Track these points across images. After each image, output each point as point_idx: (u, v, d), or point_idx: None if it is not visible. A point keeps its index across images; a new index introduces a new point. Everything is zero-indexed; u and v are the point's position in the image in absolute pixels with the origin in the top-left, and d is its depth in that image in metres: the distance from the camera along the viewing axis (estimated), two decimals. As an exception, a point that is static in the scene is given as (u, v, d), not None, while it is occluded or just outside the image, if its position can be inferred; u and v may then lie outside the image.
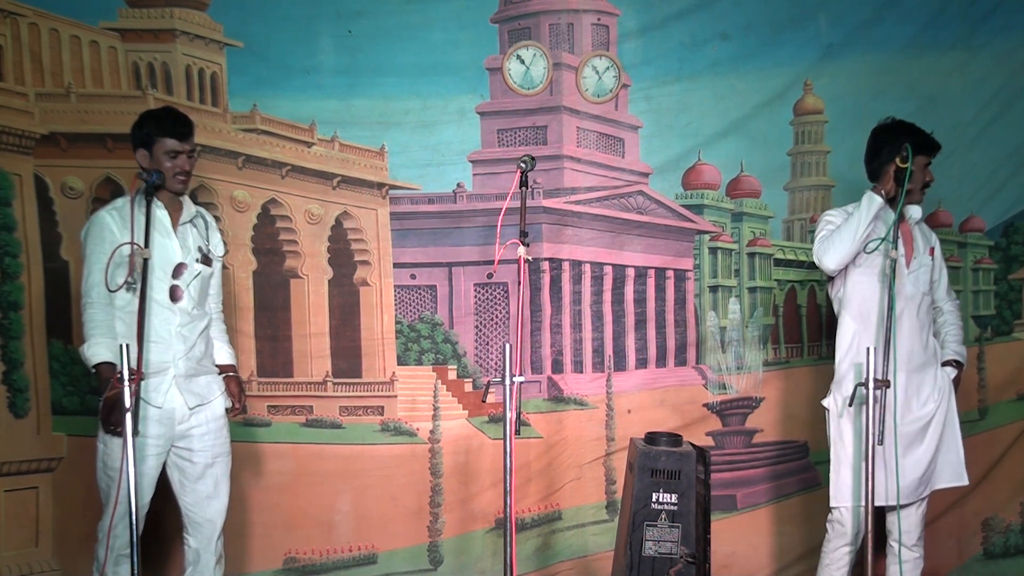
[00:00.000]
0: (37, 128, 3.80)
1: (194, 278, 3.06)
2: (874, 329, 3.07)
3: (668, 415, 4.16)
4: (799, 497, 4.17)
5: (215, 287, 3.23)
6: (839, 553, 3.14)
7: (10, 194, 3.76)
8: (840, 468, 3.12)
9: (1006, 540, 4.14)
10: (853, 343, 3.11)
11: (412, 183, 4.11)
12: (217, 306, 3.27)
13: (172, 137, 2.99)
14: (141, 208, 2.88)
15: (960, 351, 3.26)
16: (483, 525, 4.11)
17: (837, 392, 3.14)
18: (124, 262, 2.88)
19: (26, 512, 3.78)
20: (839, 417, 3.11)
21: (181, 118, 3.04)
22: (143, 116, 3.05)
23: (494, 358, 4.17)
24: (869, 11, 4.08)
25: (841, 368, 3.15)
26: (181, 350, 3.01)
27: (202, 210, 3.22)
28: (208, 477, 3.10)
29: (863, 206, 3.02)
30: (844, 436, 3.11)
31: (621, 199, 4.21)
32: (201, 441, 3.08)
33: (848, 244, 2.99)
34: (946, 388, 3.16)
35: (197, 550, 3.12)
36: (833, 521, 3.16)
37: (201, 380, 3.10)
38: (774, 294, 4.29)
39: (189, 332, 3.05)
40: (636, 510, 3.16)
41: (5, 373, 3.75)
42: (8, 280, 3.74)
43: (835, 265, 3.02)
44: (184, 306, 3.03)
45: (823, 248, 3.02)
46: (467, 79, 4.09)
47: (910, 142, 3.00)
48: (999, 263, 4.28)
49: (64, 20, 3.84)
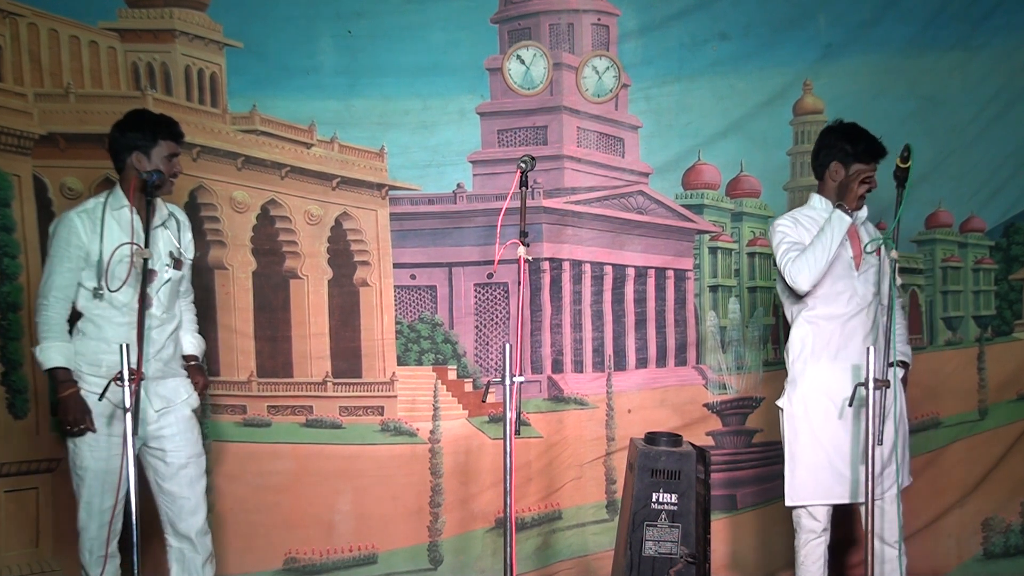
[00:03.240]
0: (36, 128, 3.80)
1: (164, 284, 3.05)
2: (829, 328, 3.09)
3: (668, 415, 4.16)
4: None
5: (186, 284, 3.22)
6: (810, 547, 3.15)
7: (9, 195, 3.76)
8: (796, 468, 3.14)
9: (1006, 540, 4.14)
10: (807, 343, 3.13)
11: (412, 184, 4.11)
12: (188, 298, 3.28)
13: (172, 140, 3.02)
14: (112, 210, 2.94)
15: (906, 351, 3.28)
16: (483, 525, 4.11)
17: (792, 392, 3.16)
18: (124, 260, 2.89)
19: (26, 512, 3.78)
20: (808, 415, 3.12)
21: (175, 121, 3.07)
22: (139, 120, 3.05)
23: (494, 358, 4.17)
24: (869, 11, 4.08)
25: (795, 368, 3.16)
26: (150, 352, 2.99)
27: (175, 209, 3.20)
28: (181, 478, 3.09)
29: (834, 225, 2.99)
30: (799, 435, 3.13)
31: (621, 199, 4.21)
32: (172, 442, 3.08)
33: (823, 264, 2.98)
34: (897, 388, 3.17)
35: (180, 549, 3.13)
36: (801, 520, 3.17)
37: (169, 383, 3.10)
38: (774, 294, 4.27)
39: (158, 335, 3.04)
40: (636, 510, 3.16)
41: (4, 374, 3.75)
42: (7, 281, 3.73)
43: (809, 286, 3.02)
44: (154, 311, 3.01)
45: (796, 269, 3.00)
46: (467, 79, 4.08)
47: (851, 148, 3.05)
48: (999, 263, 4.28)
49: (63, 20, 3.84)
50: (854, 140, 3.08)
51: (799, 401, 3.14)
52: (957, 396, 4.18)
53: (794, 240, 3.08)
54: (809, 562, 3.16)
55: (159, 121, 3.04)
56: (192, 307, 3.33)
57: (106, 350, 2.95)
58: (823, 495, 3.11)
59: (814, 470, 3.10)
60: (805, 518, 3.16)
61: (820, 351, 3.11)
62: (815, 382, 3.11)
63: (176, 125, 3.07)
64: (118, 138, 3.02)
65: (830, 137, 3.15)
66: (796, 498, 3.14)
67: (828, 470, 3.09)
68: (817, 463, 3.10)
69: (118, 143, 3.02)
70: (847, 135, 3.11)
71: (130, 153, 2.99)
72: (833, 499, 3.11)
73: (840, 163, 3.10)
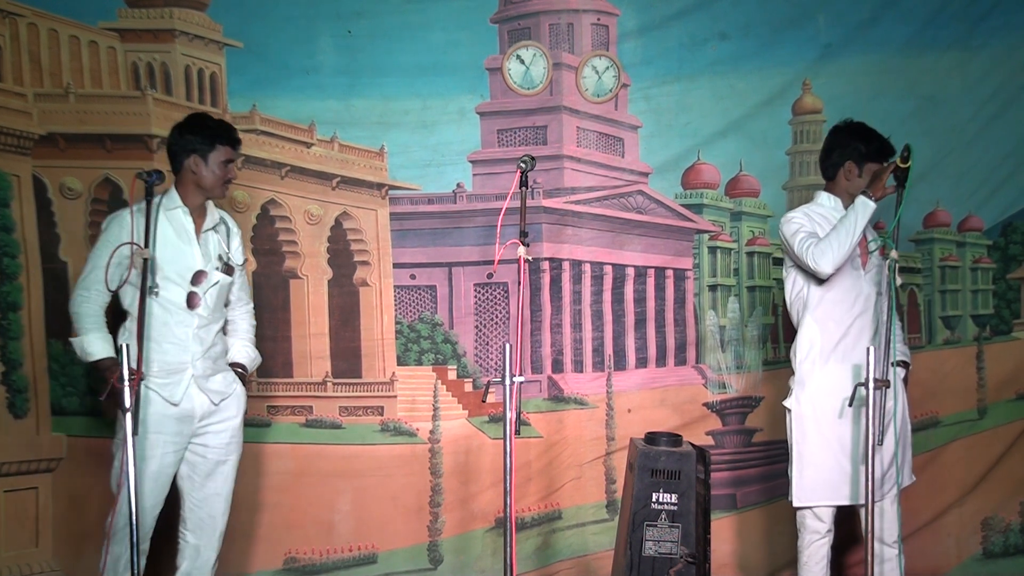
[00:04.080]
0: (36, 128, 3.79)
1: (212, 286, 3.08)
2: (838, 329, 3.09)
3: (668, 414, 4.16)
4: (799, 496, 4.18)
5: (236, 292, 3.25)
6: (814, 548, 3.16)
7: (8, 195, 3.76)
8: (803, 468, 3.14)
9: (1006, 539, 4.14)
10: (815, 343, 3.13)
11: (412, 183, 4.11)
12: (246, 306, 3.31)
13: (230, 145, 3.06)
14: (166, 210, 2.98)
15: (905, 351, 3.29)
16: (483, 525, 4.11)
17: (800, 392, 3.16)
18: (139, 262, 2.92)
19: (26, 513, 3.78)
20: (817, 416, 3.12)
21: (233, 127, 3.11)
22: (199, 124, 3.08)
23: (494, 358, 4.17)
24: (868, 11, 4.09)
25: (802, 368, 3.16)
26: (199, 351, 3.05)
27: (226, 216, 3.24)
28: (218, 475, 3.13)
29: (858, 211, 2.99)
30: (807, 436, 3.13)
31: (621, 199, 4.21)
32: (217, 438, 3.11)
33: (847, 247, 2.98)
34: (899, 387, 3.17)
35: (197, 546, 3.13)
36: (805, 521, 3.17)
37: (218, 378, 3.13)
38: (773, 293, 4.29)
39: (206, 334, 3.08)
40: (636, 510, 3.16)
41: (4, 374, 3.74)
42: (7, 281, 3.73)
43: (832, 268, 3.01)
44: (201, 312, 3.05)
45: (819, 251, 3.00)
46: (467, 79, 4.08)
47: (864, 147, 3.07)
48: (997, 262, 4.29)
49: (63, 20, 3.84)
50: (867, 139, 3.11)
51: (807, 402, 3.14)
52: (956, 395, 4.19)
53: (810, 230, 3.09)
54: (812, 563, 3.16)
55: (219, 126, 3.09)
56: (249, 316, 3.33)
57: (155, 349, 2.98)
58: (831, 496, 3.11)
59: (822, 471, 3.10)
60: (810, 519, 3.16)
61: (828, 352, 3.11)
62: (824, 383, 3.10)
63: (234, 131, 3.11)
64: (177, 140, 3.06)
65: (842, 136, 3.17)
66: (804, 499, 3.14)
67: (836, 471, 3.09)
68: (825, 464, 3.10)
69: (177, 145, 3.06)
70: (860, 134, 3.13)
71: (188, 156, 3.04)
72: (840, 500, 3.11)
73: (854, 162, 3.12)
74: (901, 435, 3.12)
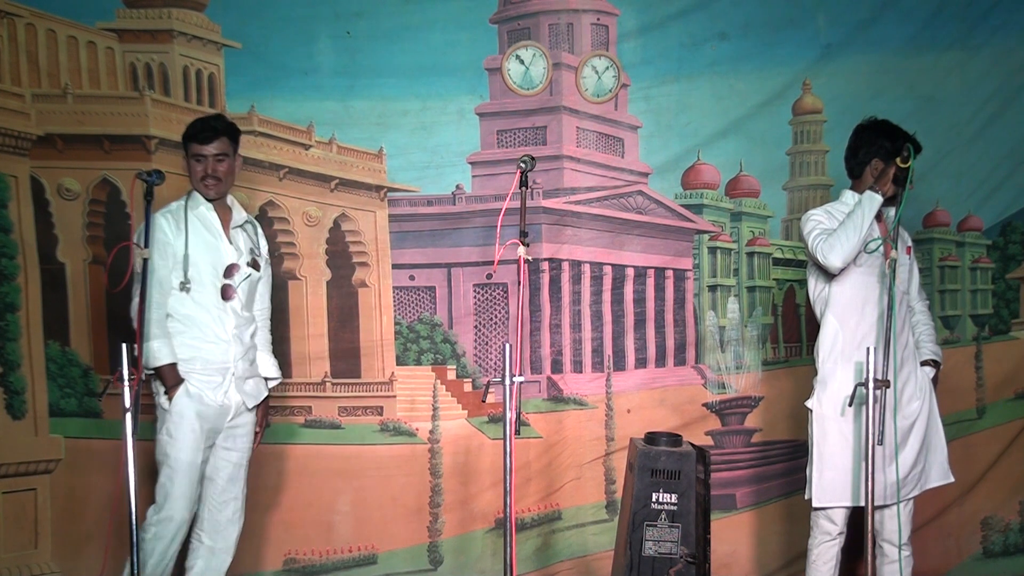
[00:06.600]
0: (33, 129, 3.79)
1: (244, 279, 3.12)
2: (860, 329, 3.09)
3: (668, 415, 4.16)
4: (799, 496, 4.15)
5: (261, 292, 3.27)
6: (825, 547, 3.15)
7: (6, 196, 3.75)
8: (824, 469, 3.12)
9: (1005, 539, 4.15)
10: (837, 343, 3.12)
11: (411, 185, 4.11)
12: (264, 312, 3.32)
13: (195, 141, 3.05)
14: (192, 210, 3.03)
15: (936, 350, 3.28)
16: (483, 525, 4.10)
17: (822, 392, 3.14)
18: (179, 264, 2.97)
19: (24, 514, 3.78)
20: (839, 416, 3.10)
21: (207, 123, 3.09)
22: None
23: (493, 358, 4.17)
24: (867, 11, 4.09)
25: (825, 368, 3.15)
26: (239, 351, 3.11)
27: (250, 217, 3.29)
28: (239, 478, 3.18)
29: (864, 205, 3.01)
30: (828, 436, 3.12)
31: (621, 199, 4.21)
32: (241, 441, 3.17)
33: (855, 242, 2.99)
34: (927, 387, 3.17)
35: (211, 548, 3.16)
36: (818, 520, 3.16)
37: (252, 382, 3.19)
38: (773, 293, 4.29)
39: (244, 334, 3.14)
40: (636, 510, 3.16)
41: (2, 375, 3.74)
42: (5, 282, 3.73)
43: (841, 263, 3.01)
44: (235, 306, 3.09)
45: (828, 246, 3.01)
46: (466, 80, 4.08)
47: (890, 145, 3.06)
48: (997, 262, 4.29)
49: (61, 20, 3.83)
50: (893, 137, 3.11)
51: (828, 402, 3.11)
52: (955, 395, 4.18)
53: (826, 227, 3.09)
54: (820, 562, 3.16)
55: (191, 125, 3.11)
56: (267, 324, 3.35)
57: (197, 348, 3.04)
58: (848, 497, 3.09)
59: (841, 472, 3.08)
60: (823, 519, 3.15)
61: (851, 351, 3.09)
62: (846, 382, 3.06)
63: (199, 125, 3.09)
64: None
65: (868, 134, 3.17)
66: (824, 499, 3.12)
67: (855, 472, 3.07)
68: (845, 465, 3.08)
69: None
70: (886, 132, 3.14)
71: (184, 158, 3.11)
72: (860, 501, 3.08)
73: (881, 159, 3.12)
74: (927, 435, 3.12)
